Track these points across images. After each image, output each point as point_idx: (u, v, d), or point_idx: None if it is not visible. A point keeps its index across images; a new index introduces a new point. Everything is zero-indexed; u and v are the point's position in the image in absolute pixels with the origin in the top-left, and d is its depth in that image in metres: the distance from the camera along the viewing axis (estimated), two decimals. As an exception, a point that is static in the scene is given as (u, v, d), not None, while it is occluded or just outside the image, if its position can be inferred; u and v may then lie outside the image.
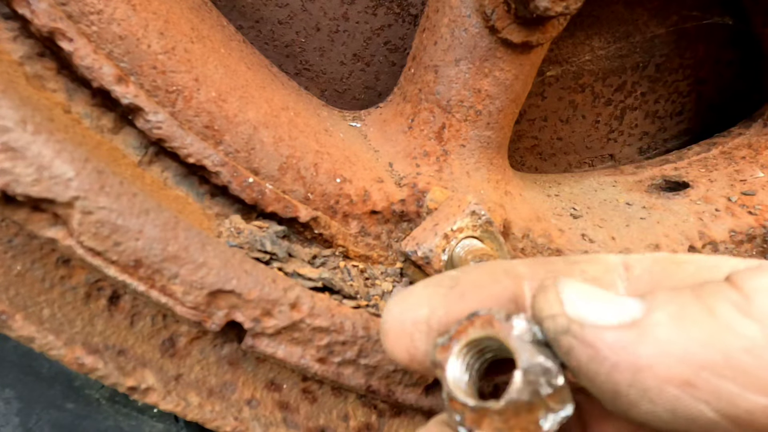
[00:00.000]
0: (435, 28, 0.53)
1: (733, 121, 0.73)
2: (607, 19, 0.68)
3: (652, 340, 0.22)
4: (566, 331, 0.24)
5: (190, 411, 0.41)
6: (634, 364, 0.22)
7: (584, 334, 0.23)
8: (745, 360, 0.20)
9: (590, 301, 0.24)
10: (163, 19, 0.44)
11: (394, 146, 0.55)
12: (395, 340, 0.30)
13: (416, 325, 0.29)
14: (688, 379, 0.21)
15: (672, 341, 0.21)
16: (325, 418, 0.45)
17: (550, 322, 0.25)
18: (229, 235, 0.43)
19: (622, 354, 0.22)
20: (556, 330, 0.24)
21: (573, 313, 0.24)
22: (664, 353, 0.21)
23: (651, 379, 0.21)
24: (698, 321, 0.21)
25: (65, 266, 0.41)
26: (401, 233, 0.52)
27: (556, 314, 0.24)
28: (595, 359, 0.23)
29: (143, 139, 0.43)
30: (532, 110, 0.71)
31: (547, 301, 0.25)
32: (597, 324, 0.23)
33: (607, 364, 0.22)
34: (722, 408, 0.20)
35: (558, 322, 0.24)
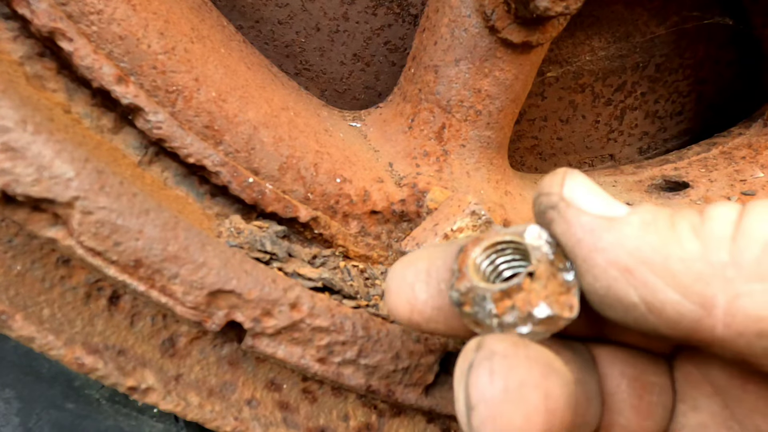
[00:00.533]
0: (435, 28, 0.53)
1: (733, 121, 0.73)
2: (607, 19, 0.68)
3: (616, 233, 0.25)
4: (553, 207, 0.27)
5: (190, 411, 0.41)
6: (594, 244, 0.26)
7: (566, 212, 0.27)
8: (677, 266, 0.24)
9: (587, 193, 0.27)
10: (163, 19, 0.44)
11: (394, 146, 0.55)
12: (397, 293, 0.32)
13: (417, 275, 0.31)
14: (629, 267, 0.25)
15: (630, 238, 0.25)
16: (325, 418, 0.45)
17: (545, 198, 0.28)
18: (229, 235, 0.43)
19: (587, 235, 0.26)
20: (546, 204, 0.28)
21: (566, 194, 0.27)
22: (620, 244, 0.25)
23: (601, 259, 0.25)
24: (659, 230, 0.25)
25: (65, 266, 0.41)
26: (401, 233, 0.52)
27: (552, 192, 0.28)
28: (566, 233, 0.27)
29: (143, 139, 0.43)
30: (532, 110, 0.71)
31: (550, 181, 0.28)
32: (581, 208, 0.27)
33: (573, 238, 0.26)
34: (645, 295, 0.25)
35: (550, 198, 0.28)
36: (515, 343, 0.26)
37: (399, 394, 0.42)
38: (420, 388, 0.43)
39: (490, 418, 0.24)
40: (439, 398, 0.43)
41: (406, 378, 0.42)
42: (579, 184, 0.28)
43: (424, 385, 0.43)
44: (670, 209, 0.26)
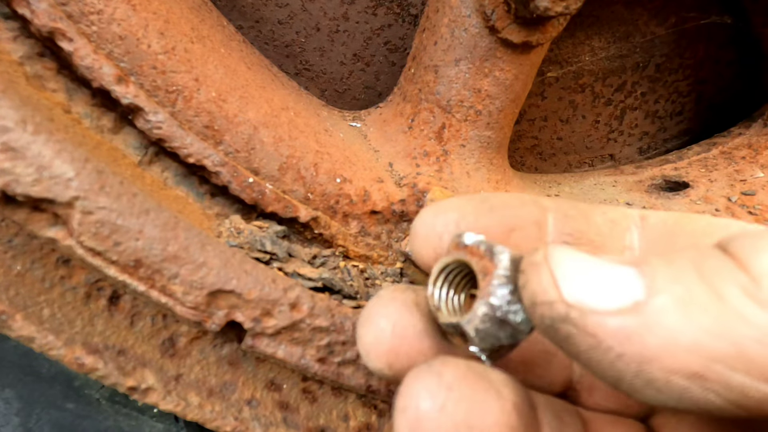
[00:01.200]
0: (435, 28, 0.53)
1: (733, 121, 0.73)
2: (607, 19, 0.68)
3: (658, 330, 0.20)
4: (564, 320, 0.22)
5: (190, 411, 0.41)
6: (641, 354, 0.21)
7: (585, 323, 0.22)
8: (758, 351, 0.19)
9: (586, 277, 0.23)
10: (163, 19, 0.44)
11: (394, 146, 0.55)
12: (424, 240, 0.31)
13: (446, 226, 0.30)
14: (698, 371, 0.20)
15: (680, 330, 0.20)
16: (325, 418, 0.45)
17: (546, 309, 0.23)
18: (229, 235, 0.43)
19: (627, 345, 0.21)
20: (553, 317, 0.23)
21: (571, 297, 0.22)
22: (671, 344, 0.20)
23: (658, 371, 0.20)
24: (706, 308, 0.20)
25: (65, 266, 0.41)
26: (401, 233, 0.52)
27: (553, 301, 0.23)
28: (598, 348, 0.21)
29: (143, 139, 0.43)
30: (532, 110, 0.71)
31: (540, 284, 0.23)
32: (597, 310, 0.22)
33: (611, 354, 0.21)
34: (732, 398, 0.20)
35: (555, 310, 0.22)
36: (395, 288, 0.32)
37: (399, 394, 0.42)
38: (420, 388, 0.43)
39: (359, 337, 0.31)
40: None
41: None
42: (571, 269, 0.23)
43: (424, 385, 0.43)
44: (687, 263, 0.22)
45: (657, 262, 0.22)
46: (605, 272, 0.23)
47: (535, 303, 0.23)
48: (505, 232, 0.29)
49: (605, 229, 0.30)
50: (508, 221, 0.30)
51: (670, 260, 0.22)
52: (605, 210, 0.30)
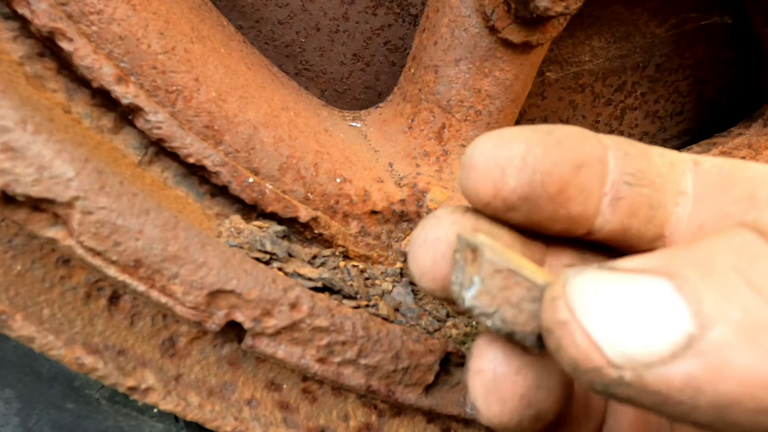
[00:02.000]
0: (435, 28, 0.53)
1: (733, 121, 0.73)
2: (607, 19, 0.68)
3: (730, 373, 0.18)
4: (619, 384, 0.20)
5: (190, 411, 0.41)
6: (717, 404, 0.18)
7: (644, 384, 0.19)
8: None
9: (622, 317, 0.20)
10: (163, 19, 0.44)
11: (394, 146, 0.55)
12: (484, 172, 0.28)
13: (511, 159, 0.27)
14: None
15: (754, 369, 0.18)
16: (325, 418, 0.45)
17: (596, 377, 0.20)
18: (229, 235, 0.43)
19: (699, 397, 0.19)
20: (605, 383, 0.20)
21: (617, 356, 0.19)
22: (750, 386, 0.18)
23: (740, 414, 0.18)
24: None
25: (65, 266, 0.41)
26: (401, 233, 0.52)
27: (599, 366, 0.20)
28: (666, 405, 0.19)
29: (143, 139, 0.43)
30: (532, 110, 0.71)
31: (578, 349, 0.20)
32: (652, 361, 0.19)
33: (682, 408, 0.19)
34: None
35: (606, 377, 0.20)
36: (454, 209, 0.30)
37: (399, 394, 0.42)
38: (420, 388, 0.43)
39: (413, 256, 0.30)
40: (439, 398, 0.43)
41: (406, 378, 0.42)
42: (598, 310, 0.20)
43: (424, 385, 0.43)
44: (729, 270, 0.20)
45: (693, 274, 0.20)
46: (639, 299, 0.20)
47: (579, 370, 0.21)
48: (572, 168, 0.27)
49: (664, 170, 0.28)
50: (576, 157, 0.27)
51: (706, 266, 0.20)
52: (662, 152, 0.28)
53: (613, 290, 0.20)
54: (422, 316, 0.46)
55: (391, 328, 0.42)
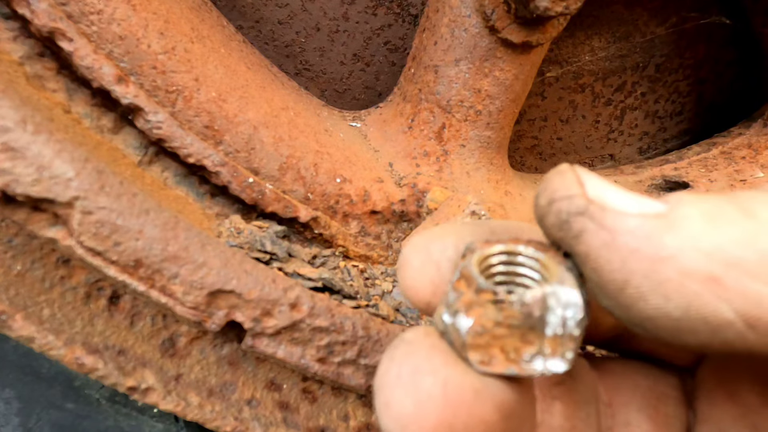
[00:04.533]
0: (435, 28, 0.53)
1: (733, 121, 0.73)
2: (607, 19, 0.68)
3: (681, 232, 0.20)
4: (582, 212, 0.21)
5: (190, 411, 0.41)
6: (657, 253, 0.20)
7: (603, 217, 0.21)
8: None
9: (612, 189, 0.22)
10: (163, 19, 0.44)
11: (394, 146, 0.55)
12: (419, 270, 0.26)
13: (444, 252, 0.26)
14: (715, 275, 0.19)
15: (703, 235, 0.19)
16: (325, 418, 0.45)
17: (565, 203, 0.22)
18: (229, 235, 0.43)
19: (644, 241, 0.20)
20: (570, 211, 0.22)
21: (594, 194, 0.21)
22: (692, 246, 0.19)
23: (672, 271, 0.19)
24: (734, 220, 0.19)
25: (65, 266, 0.41)
26: (401, 233, 0.52)
27: (574, 194, 0.22)
28: (611, 245, 0.20)
29: (143, 139, 0.43)
30: (532, 110, 0.71)
31: (563, 181, 0.22)
32: (619, 209, 0.21)
33: (624, 249, 0.20)
34: (745, 308, 0.19)
35: (574, 203, 0.22)
36: (427, 332, 0.24)
37: (399, 394, 0.42)
38: (420, 388, 0.43)
39: (385, 405, 0.22)
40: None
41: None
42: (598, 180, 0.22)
43: (424, 385, 0.43)
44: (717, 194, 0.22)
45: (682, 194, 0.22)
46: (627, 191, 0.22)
47: (553, 200, 0.22)
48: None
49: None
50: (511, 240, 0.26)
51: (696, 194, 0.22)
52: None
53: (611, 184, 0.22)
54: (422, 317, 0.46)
55: (391, 328, 0.42)
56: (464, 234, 0.27)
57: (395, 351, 0.23)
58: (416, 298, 0.26)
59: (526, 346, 0.22)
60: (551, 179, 0.23)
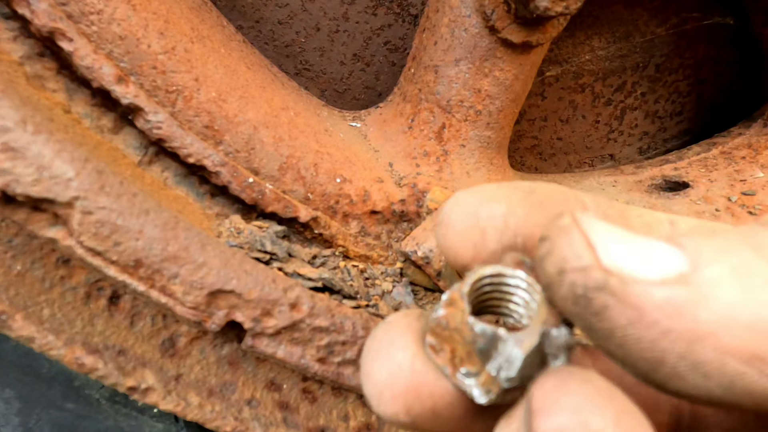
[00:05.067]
0: (435, 28, 0.53)
1: (733, 121, 0.73)
2: (607, 19, 0.68)
3: (714, 304, 0.18)
4: (601, 288, 0.19)
5: (190, 411, 0.41)
6: (692, 331, 0.18)
7: (627, 292, 0.19)
8: None
9: (622, 245, 0.20)
10: (163, 19, 0.44)
11: (394, 146, 0.55)
12: (463, 233, 0.26)
13: (492, 219, 0.25)
14: (759, 352, 0.17)
15: (740, 306, 0.18)
16: (325, 418, 0.45)
17: (579, 276, 0.20)
18: (229, 235, 0.43)
19: (677, 319, 0.18)
20: (587, 285, 0.20)
21: (610, 263, 0.19)
22: (730, 320, 0.18)
23: (711, 351, 0.18)
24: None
25: (65, 266, 0.41)
26: (401, 233, 0.52)
27: (588, 266, 0.20)
28: (640, 323, 0.19)
29: (143, 139, 0.43)
30: (532, 110, 0.71)
31: (572, 246, 0.20)
32: (639, 278, 0.19)
33: (655, 329, 0.18)
34: None
35: (591, 276, 0.19)
36: (405, 314, 0.27)
37: (399, 394, 0.42)
38: (420, 388, 0.43)
39: (366, 374, 0.25)
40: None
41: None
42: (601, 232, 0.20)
43: (424, 385, 0.43)
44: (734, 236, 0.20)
45: (697, 237, 0.20)
46: (640, 241, 0.20)
47: (564, 270, 0.20)
48: None
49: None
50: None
51: (710, 235, 0.20)
52: (640, 212, 0.27)
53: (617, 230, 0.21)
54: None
55: (391, 328, 0.42)
56: (514, 205, 0.26)
57: (377, 330, 0.26)
58: (455, 259, 0.26)
59: (469, 363, 0.24)
60: (557, 241, 0.21)
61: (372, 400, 0.25)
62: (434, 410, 0.25)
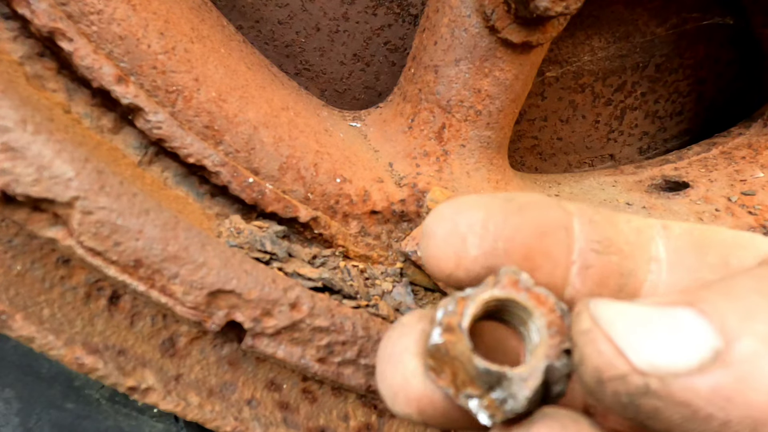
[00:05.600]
0: (435, 28, 0.53)
1: (733, 121, 0.73)
2: (607, 19, 0.68)
3: (761, 383, 0.18)
4: (644, 393, 0.19)
5: (190, 411, 0.41)
6: (750, 417, 0.18)
7: (671, 392, 0.18)
8: None
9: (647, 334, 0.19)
10: (163, 19, 0.44)
11: (394, 146, 0.55)
12: (444, 241, 0.26)
13: (471, 226, 0.26)
14: None
15: None
16: (325, 418, 0.45)
17: (619, 385, 0.20)
18: (229, 235, 0.43)
19: (731, 408, 0.18)
20: (630, 393, 0.19)
21: (643, 364, 0.19)
22: None
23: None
24: None
25: (65, 266, 0.41)
26: (401, 233, 0.52)
27: (624, 373, 0.19)
28: (695, 419, 0.18)
29: (143, 139, 0.43)
30: (532, 110, 0.71)
31: (602, 356, 0.20)
32: (679, 371, 0.18)
33: (714, 422, 0.18)
34: None
35: (631, 384, 0.19)
36: (420, 317, 0.27)
37: (399, 394, 0.42)
38: (420, 388, 0.43)
39: (381, 376, 0.27)
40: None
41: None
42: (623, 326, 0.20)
43: (424, 385, 0.43)
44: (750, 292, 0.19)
45: (715, 298, 0.20)
46: (663, 322, 0.20)
47: (602, 380, 0.20)
48: (536, 235, 0.26)
49: (632, 237, 0.27)
50: (539, 224, 0.26)
51: (728, 294, 0.20)
52: (629, 218, 0.27)
53: (635, 312, 0.20)
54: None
55: (391, 328, 0.42)
56: (493, 211, 0.26)
57: (392, 332, 0.27)
58: (438, 269, 0.27)
59: (472, 387, 0.24)
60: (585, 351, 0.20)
61: (387, 399, 0.26)
62: (445, 413, 0.25)
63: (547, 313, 0.24)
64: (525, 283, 0.25)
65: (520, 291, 0.25)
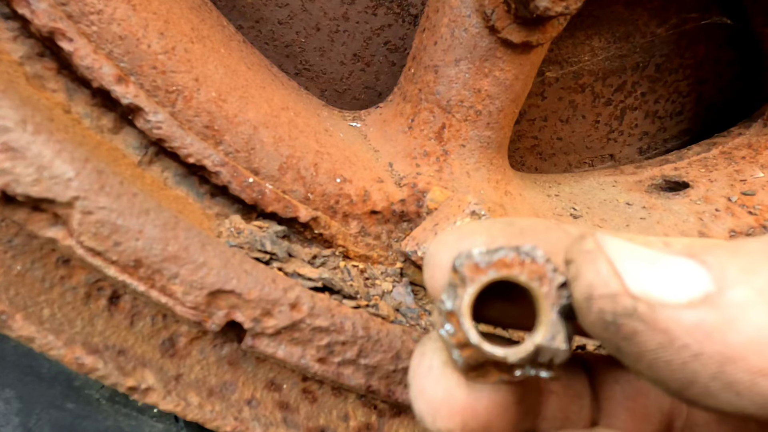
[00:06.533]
0: (435, 28, 0.53)
1: (733, 121, 0.73)
2: (607, 19, 0.68)
3: (743, 325, 0.18)
4: (630, 314, 0.20)
5: (190, 411, 0.41)
6: (722, 354, 0.18)
7: (656, 318, 0.19)
8: None
9: (647, 267, 0.20)
10: (163, 19, 0.44)
11: (394, 146, 0.55)
12: (448, 269, 0.26)
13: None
14: None
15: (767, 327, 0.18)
16: (325, 418, 0.45)
17: (607, 303, 0.20)
18: (229, 235, 0.43)
19: (707, 342, 0.18)
20: (616, 312, 0.20)
21: (637, 289, 0.20)
22: (760, 341, 0.18)
23: (743, 372, 0.18)
24: None
25: (65, 266, 0.41)
26: (401, 233, 0.52)
27: (616, 293, 0.20)
28: (670, 347, 0.19)
29: (143, 139, 0.43)
30: (532, 110, 0.71)
31: (598, 274, 0.21)
32: (668, 302, 0.19)
33: (685, 353, 0.19)
34: None
35: (619, 303, 0.20)
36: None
37: (399, 394, 0.42)
38: (420, 388, 0.43)
39: (419, 392, 0.26)
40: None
41: (407, 378, 0.42)
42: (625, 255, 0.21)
43: (424, 385, 0.43)
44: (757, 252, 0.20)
45: (719, 253, 0.20)
46: (663, 263, 0.20)
47: (591, 297, 0.21)
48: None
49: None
50: (541, 247, 0.26)
51: (734, 251, 0.20)
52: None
53: (640, 250, 0.21)
54: (422, 316, 0.46)
55: (391, 328, 0.42)
56: (495, 233, 0.26)
57: (424, 346, 0.27)
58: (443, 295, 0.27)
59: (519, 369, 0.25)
60: (582, 267, 0.21)
61: (426, 416, 0.26)
62: (488, 424, 0.25)
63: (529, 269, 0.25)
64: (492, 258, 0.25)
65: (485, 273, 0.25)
